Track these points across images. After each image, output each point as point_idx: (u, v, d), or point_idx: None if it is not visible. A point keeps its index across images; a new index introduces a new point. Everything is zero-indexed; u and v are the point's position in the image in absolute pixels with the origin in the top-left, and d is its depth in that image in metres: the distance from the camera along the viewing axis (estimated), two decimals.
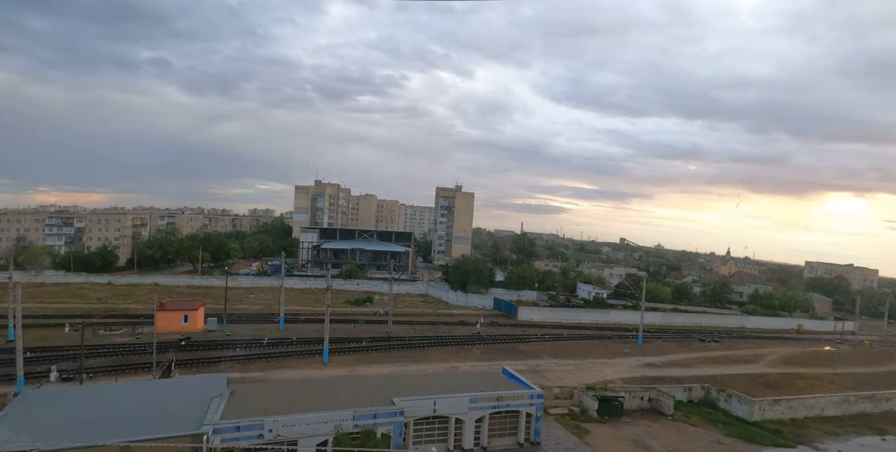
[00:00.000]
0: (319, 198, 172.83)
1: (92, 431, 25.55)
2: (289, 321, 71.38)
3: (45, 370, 44.35)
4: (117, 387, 37.08)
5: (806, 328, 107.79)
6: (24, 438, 24.45)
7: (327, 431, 29.50)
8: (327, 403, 32.18)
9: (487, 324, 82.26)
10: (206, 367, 49.51)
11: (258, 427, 28.24)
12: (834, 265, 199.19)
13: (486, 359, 59.33)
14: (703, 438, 41.81)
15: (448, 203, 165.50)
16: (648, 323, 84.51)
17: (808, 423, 48.05)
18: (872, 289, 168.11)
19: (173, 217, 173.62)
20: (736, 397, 49.37)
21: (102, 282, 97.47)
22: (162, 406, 30.00)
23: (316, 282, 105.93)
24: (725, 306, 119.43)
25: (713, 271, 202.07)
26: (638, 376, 56.68)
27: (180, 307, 67.41)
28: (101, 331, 61.25)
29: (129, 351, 53.59)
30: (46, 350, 51.60)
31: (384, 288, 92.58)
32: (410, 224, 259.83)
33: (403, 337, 67.76)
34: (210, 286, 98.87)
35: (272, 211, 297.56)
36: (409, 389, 35.99)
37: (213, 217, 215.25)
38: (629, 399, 47.41)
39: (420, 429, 33.74)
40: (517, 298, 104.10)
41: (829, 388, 57.67)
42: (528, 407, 36.67)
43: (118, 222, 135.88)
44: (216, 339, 61.05)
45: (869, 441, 44.97)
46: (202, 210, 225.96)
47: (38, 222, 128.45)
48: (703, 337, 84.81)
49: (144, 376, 44.72)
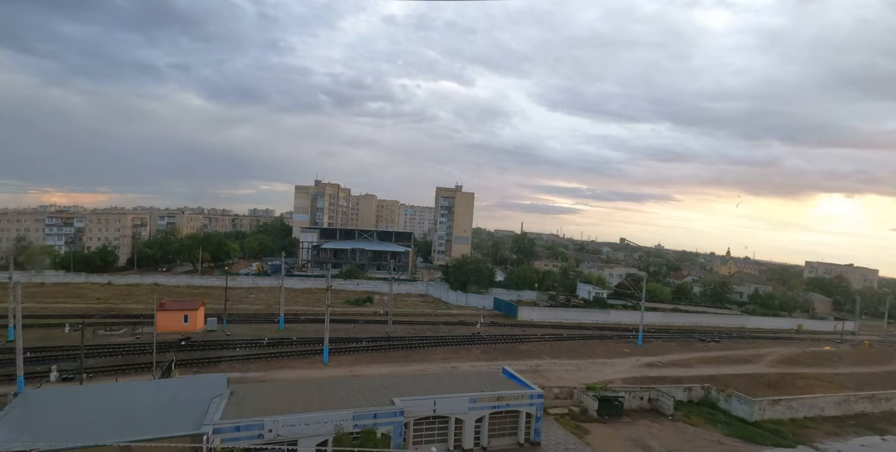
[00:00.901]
0: (319, 198, 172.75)
1: (92, 431, 25.59)
2: (289, 320, 71.37)
3: (45, 370, 44.35)
4: (117, 387, 37.11)
5: (806, 328, 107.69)
6: (24, 438, 24.43)
7: (327, 431, 29.50)
8: (327, 403, 32.16)
9: (487, 324, 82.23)
10: (206, 367, 49.49)
11: (258, 427, 28.21)
12: (834, 265, 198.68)
13: (486, 359, 59.31)
14: (704, 438, 41.79)
15: (448, 203, 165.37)
16: (648, 323, 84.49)
17: (808, 423, 48.01)
18: (872, 289, 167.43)
19: (173, 217, 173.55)
20: (736, 397, 49.34)
21: (102, 282, 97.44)
22: (162, 406, 30.06)
23: (316, 282, 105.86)
24: (725, 306, 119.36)
25: (713, 271, 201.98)
26: (638, 376, 56.67)
27: (180, 306, 67.38)
28: (101, 331, 61.22)
29: (129, 351, 53.55)
30: (46, 350, 51.59)
31: (384, 288, 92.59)
32: (410, 224, 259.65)
33: (403, 337, 67.74)
34: (210, 285, 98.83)
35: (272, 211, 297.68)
36: (409, 389, 35.99)
37: (213, 217, 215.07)
38: (629, 398, 47.37)
39: (420, 429, 33.74)
40: (517, 298, 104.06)
41: (829, 388, 57.68)
42: (528, 407, 36.66)
43: (118, 222, 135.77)
44: (216, 339, 61.02)
45: (869, 441, 44.93)
46: (202, 210, 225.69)
47: (38, 222, 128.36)
48: (703, 337, 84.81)
49: (144, 376, 44.69)
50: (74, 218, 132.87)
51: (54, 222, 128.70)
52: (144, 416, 28.32)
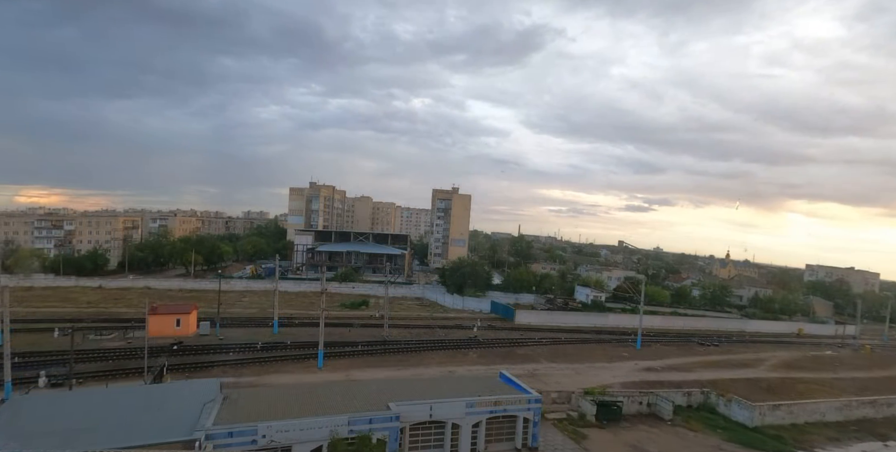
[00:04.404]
0: (314, 200, 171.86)
1: (81, 438, 25.21)
2: (283, 324, 70.65)
3: (34, 376, 43.48)
4: (108, 393, 36.68)
5: (806, 331, 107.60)
6: (12, 445, 23.99)
7: (322, 436, 29.12)
8: (322, 408, 31.75)
9: (484, 328, 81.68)
10: (198, 372, 48.80)
11: (251, 432, 27.83)
12: (834, 268, 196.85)
13: (483, 363, 58.75)
14: (703, 443, 41.40)
15: (445, 205, 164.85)
16: (647, 327, 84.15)
17: (809, 428, 47.62)
18: (874, 292, 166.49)
19: (165, 220, 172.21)
20: (736, 402, 48.88)
21: (93, 285, 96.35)
22: (153, 411, 29.58)
23: (311, 285, 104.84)
24: (725, 309, 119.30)
25: (713, 274, 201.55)
26: (637, 380, 56.25)
27: (172, 310, 66.48)
28: (91, 335, 60.32)
29: (119, 356, 52.75)
30: (35, 355, 50.65)
31: (380, 291, 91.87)
32: (406, 226, 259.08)
33: (399, 341, 67.11)
34: (203, 289, 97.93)
35: (266, 213, 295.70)
36: (404, 394, 35.57)
37: (207, 220, 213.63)
38: (628, 403, 46.94)
39: (416, 434, 33.27)
40: (515, 301, 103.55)
41: (830, 393, 57.26)
42: (525, 412, 36.25)
43: (109, 225, 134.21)
44: (209, 343, 60.17)
45: (871, 446, 44.61)
46: (195, 213, 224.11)
47: (27, 224, 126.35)
48: (703, 341, 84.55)
49: (135, 381, 44.04)
50: (64, 220, 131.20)
51: (43, 224, 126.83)
52: (135, 422, 27.84)
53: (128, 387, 39.63)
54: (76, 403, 31.43)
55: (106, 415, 28.79)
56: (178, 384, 39.72)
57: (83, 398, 33.62)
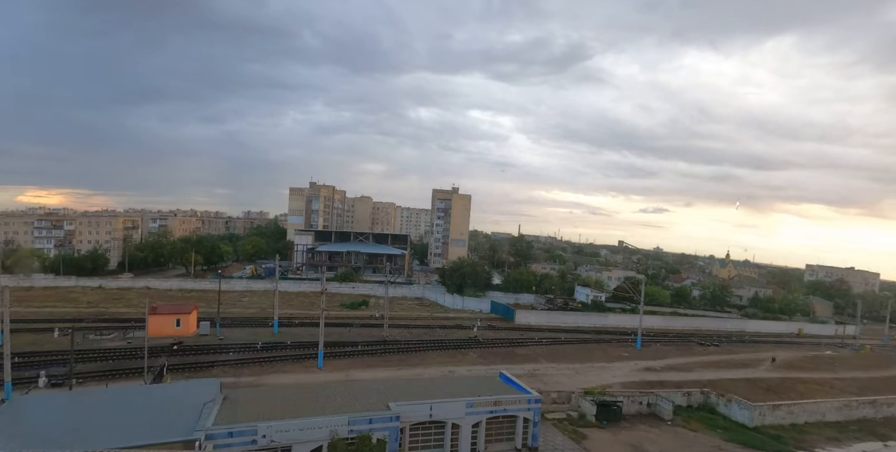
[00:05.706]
0: (314, 200, 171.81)
1: (81, 438, 25.12)
2: (283, 324, 70.61)
3: (34, 376, 43.41)
4: (108, 393, 36.61)
5: (806, 331, 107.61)
6: (12, 445, 23.93)
7: (322, 436, 29.06)
8: (322, 408, 31.71)
9: (484, 328, 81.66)
10: (198, 372, 48.77)
11: (251, 432, 27.78)
12: (835, 269, 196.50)
13: (483, 363, 58.72)
14: (703, 443, 41.35)
15: (445, 205, 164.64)
16: (647, 327, 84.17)
17: (809, 428, 47.61)
18: (874, 293, 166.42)
19: (165, 220, 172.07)
20: (736, 401, 48.86)
21: (93, 285, 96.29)
22: (153, 411, 29.52)
23: (310, 285, 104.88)
24: (725, 309, 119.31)
25: (713, 274, 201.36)
26: (637, 380, 56.22)
27: (172, 310, 66.44)
28: (91, 335, 60.27)
29: (119, 356, 52.71)
30: (35, 355, 50.62)
31: (380, 291, 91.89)
32: (406, 227, 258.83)
33: (399, 341, 67.09)
34: (203, 289, 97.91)
35: (266, 213, 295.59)
36: (404, 394, 35.53)
37: (206, 220, 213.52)
38: (628, 403, 46.90)
39: (416, 434, 33.25)
40: (515, 301, 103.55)
41: (831, 393, 57.24)
42: (525, 412, 36.21)
43: (109, 225, 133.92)
44: (209, 343, 60.14)
45: (871, 446, 44.59)
46: (195, 213, 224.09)
47: (27, 224, 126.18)
48: (703, 341, 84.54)
49: (135, 381, 44.00)
50: (64, 220, 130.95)
51: (43, 224, 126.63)
52: (135, 422, 27.75)
53: (128, 387, 39.61)
54: (76, 403, 31.39)
55: (106, 415, 28.75)
56: (178, 384, 39.75)
57: (83, 398, 33.55)
